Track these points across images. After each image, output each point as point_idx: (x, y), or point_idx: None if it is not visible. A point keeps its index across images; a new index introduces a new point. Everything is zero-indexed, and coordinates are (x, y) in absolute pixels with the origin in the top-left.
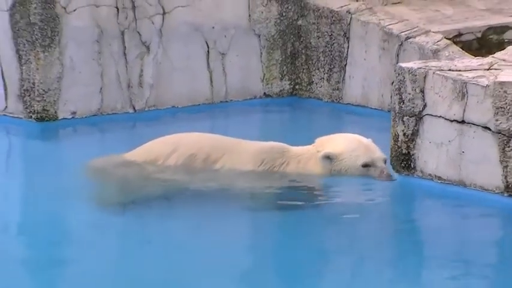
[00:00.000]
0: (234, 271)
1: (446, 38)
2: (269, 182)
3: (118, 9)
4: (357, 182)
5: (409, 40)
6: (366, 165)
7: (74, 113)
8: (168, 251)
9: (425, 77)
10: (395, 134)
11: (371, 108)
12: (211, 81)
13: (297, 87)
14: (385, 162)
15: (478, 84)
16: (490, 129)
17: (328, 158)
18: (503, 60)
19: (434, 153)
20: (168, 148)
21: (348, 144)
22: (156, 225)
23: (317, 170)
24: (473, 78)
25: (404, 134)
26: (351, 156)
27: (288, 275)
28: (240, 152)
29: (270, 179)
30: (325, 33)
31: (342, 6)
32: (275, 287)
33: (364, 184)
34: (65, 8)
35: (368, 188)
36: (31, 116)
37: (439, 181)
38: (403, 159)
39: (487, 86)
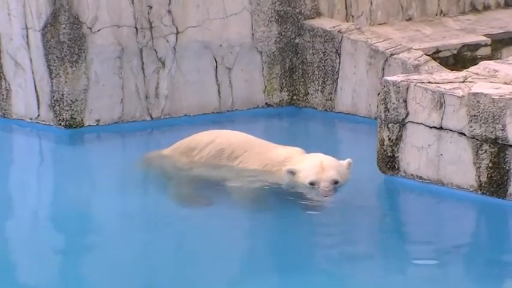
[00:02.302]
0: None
1: (426, 55)
2: (264, 182)
3: (137, 29)
4: (347, 183)
5: (393, 56)
6: (312, 184)
7: (98, 120)
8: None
9: (407, 89)
10: (382, 139)
11: (360, 116)
12: (219, 93)
13: (294, 97)
14: (334, 183)
15: (454, 95)
16: (465, 134)
17: (289, 172)
18: (476, 74)
19: (415, 155)
20: (205, 141)
21: (307, 164)
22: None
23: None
24: (450, 89)
25: (389, 139)
26: (303, 175)
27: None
28: (256, 153)
29: (268, 179)
30: (319, 50)
31: (334, 27)
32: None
33: (353, 183)
34: (90, 28)
35: (356, 187)
36: (60, 124)
37: (420, 180)
38: (388, 161)
39: (462, 96)
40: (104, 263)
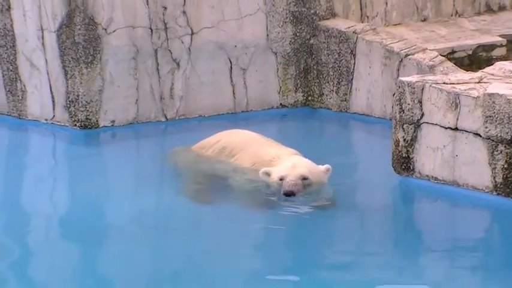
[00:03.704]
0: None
1: (441, 55)
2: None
3: (152, 30)
4: (360, 183)
5: (408, 57)
6: (281, 179)
7: (113, 121)
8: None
9: (422, 89)
10: (396, 140)
11: (374, 117)
12: (233, 93)
13: (309, 98)
14: (302, 178)
15: (469, 96)
16: (480, 135)
17: (265, 173)
18: (492, 74)
19: (430, 156)
20: (214, 139)
21: (282, 164)
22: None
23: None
24: (465, 90)
25: (404, 140)
26: (274, 173)
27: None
28: (250, 151)
29: (256, 177)
30: (334, 51)
31: (349, 27)
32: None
33: (368, 184)
34: (105, 29)
35: (371, 188)
36: (75, 124)
37: (435, 181)
38: (403, 162)
39: (478, 97)
40: (118, 262)
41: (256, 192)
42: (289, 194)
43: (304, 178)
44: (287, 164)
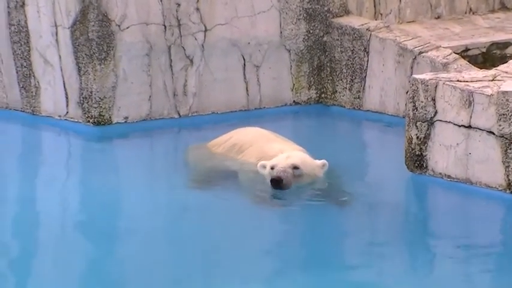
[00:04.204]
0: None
1: (455, 53)
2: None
3: (165, 27)
4: (373, 180)
5: (421, 54)
6: (272, 168)
7: (126, 118)
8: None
9: (436, 87)
10: (410, 138)
11: (388, 114)
12: (247, 91)
13: (322, 95)
14: (293, 167)
15: (483, 94)
16: (493, 133)
17: (262, 166)
18: (506, 72)
19: (444, 154)
20: (227, 137)
21: (276, 157)
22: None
23: None
24: (479, 88)
25: (417, 137)
26: (269, 164)
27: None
28: (257, 146)
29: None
30: (348, 48)
31: (362, 25)
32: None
33: (381, 181)
34: (119, 26)
35: (384, 185)
36: (89, 121)
37: (448, 179)
38: (417, 160)
39: (491, 95)
40: (131, 258)
41: (263, 186)
42: (277, 180)
43: (295, 167)
44: (282, 155)
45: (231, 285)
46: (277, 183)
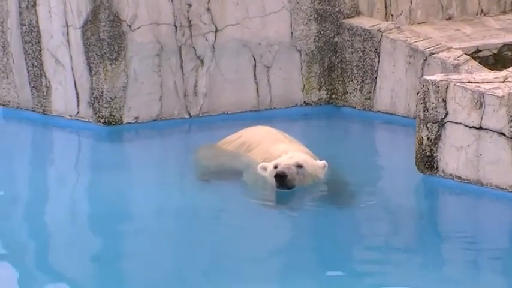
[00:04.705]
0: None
1: (466, 54)
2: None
3: (176, 27)
4: (383, 181)
5: (432, 55)
6: (276, 167)
7: (136, 118)
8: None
9: (447, 88)
10: (420, 139)
11: (398, 115)
12: (257, 91)
13: (333, 96)
14: (296, 166)
15: (494, 95)
16: (504, 134)
17: (262, 168)
18: None
19: (454, 155)
20: (237, 135)
21: (279, 158)
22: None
23: None
24: (490, 89)
25: (428, 139)
26: (270, 165)
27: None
28: (264, 146)
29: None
30: (358, 49)
31: (373, 26)
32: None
33: (391, 182)
34: (130, 26)
35: (395, 186)
36: (99, 121)
37: (459, 180)
38: (427, 161)
39: (502, 96)
40: (141, 257)
41: (267, 186)
42: (281, 176)
43: (299, 165)
44: (284, 156)
45: (236, 285)
46: (281, 179)
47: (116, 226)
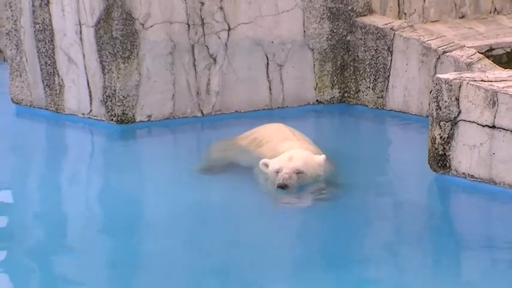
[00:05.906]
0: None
1: (479, 53)
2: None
3: (189, 25)
4: (396, 180)
5: (445, 54)
6: (277, 172)
7: (149, 116)
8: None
9: (460, 87)
10: (433, 137)
11: (411, 114)
12: (270, 89)
13: (345, 95)
14: (297, 172)
15: (507, 94)
16: None
17: (264, 165)
18: None
19: (467, 154)
20: (252, 131)
21: (280, 156)
22: None
23: None
24: (503, 88)
25: (441, 137)
26: (271, 165)
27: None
28: (273, 143)
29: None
30: (371, 48)
31: (386, 24)
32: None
33: (403, 181)
34: (143, 25)
35: (407, 185)
36: (112, 119)
37: (472, 179)
38: (440, 160)
39: None
40: (154, 255)
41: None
42: (283, 187)
43: (299, 172)
44: (284, 156)
45: (247, 280)
46: (282, 187)
47: (128, 224)
